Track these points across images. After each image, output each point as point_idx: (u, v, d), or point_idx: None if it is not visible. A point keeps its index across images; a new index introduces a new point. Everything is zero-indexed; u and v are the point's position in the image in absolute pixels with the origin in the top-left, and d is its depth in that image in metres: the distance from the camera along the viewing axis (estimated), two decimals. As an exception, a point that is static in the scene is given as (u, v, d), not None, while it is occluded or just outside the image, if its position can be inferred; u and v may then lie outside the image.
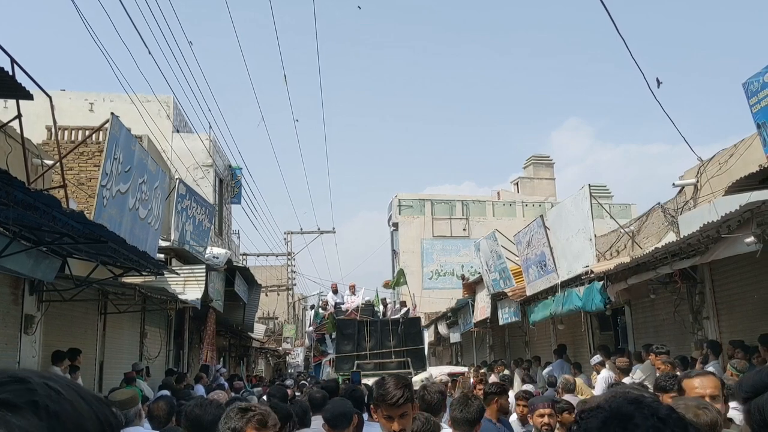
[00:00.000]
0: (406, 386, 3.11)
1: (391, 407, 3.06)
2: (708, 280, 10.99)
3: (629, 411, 1.21)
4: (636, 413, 1.20)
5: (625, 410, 1.21)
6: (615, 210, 28.31)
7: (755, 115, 8.49)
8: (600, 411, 1.24)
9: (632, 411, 1.21)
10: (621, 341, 14.42)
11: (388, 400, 3.06)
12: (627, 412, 1.21)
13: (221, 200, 23.86)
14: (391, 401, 3.05)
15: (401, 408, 3.06)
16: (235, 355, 29.86)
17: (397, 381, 3.15)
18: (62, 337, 10.76)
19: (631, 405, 1.23)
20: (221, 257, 16.96)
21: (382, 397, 3.09)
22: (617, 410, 1.22)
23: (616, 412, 1.22)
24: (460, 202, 41.16)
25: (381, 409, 3.13)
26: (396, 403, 3.05)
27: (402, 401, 3.05)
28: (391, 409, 3.07)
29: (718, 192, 10.35)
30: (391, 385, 3.11)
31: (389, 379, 3.21)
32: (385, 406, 3.09)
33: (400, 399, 3.04)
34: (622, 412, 1.21)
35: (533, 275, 15.69)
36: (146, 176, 10.84)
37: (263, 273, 34.53)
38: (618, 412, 1.21)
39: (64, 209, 6.66)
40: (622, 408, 1.22)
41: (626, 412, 1.21)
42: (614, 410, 1.22)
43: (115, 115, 9.18)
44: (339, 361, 15.71)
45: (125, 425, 4.78)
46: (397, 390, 3.06)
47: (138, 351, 14.60)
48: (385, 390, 3.10)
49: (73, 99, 20.61)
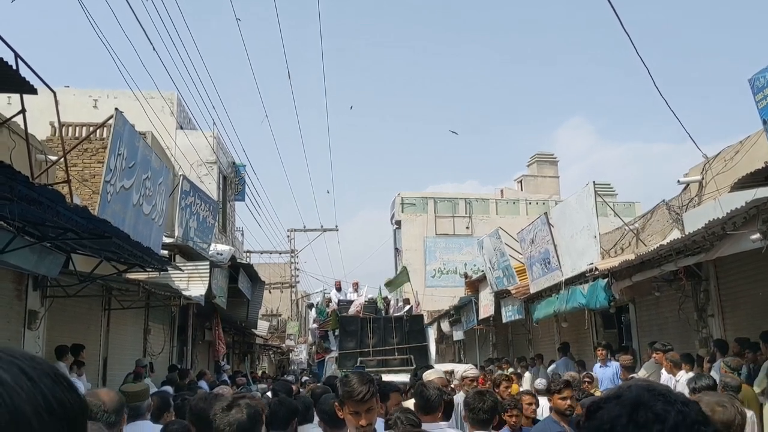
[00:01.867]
0: (369, 381, 3.25)
1: (358, 403, 3.19)
2: (713, 277, 10.95)
3: (651, 398, 1.20)
4: (658, 400, 1.19)
5: (647, 397, 1.20)
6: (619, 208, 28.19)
7: (761, 111, 8.44)
8: (621, 399, 1.22)
9: (654, 398, 1.20)
10: (625, 339, 14.39)
11: (354, 397, 3.18)
12: (649, 399, 1.19)
13: (225, 197, 23.87)
14: (357, 397, 3.17)
15: (366, 403, 3.19)
16: (238, 351, 29.89)
17: (361, 378, 3.28)
18: (66, 332, 10.78)
19: (650, 392, 1.21)
20: (225, 254, 16.97)
21: (348, 393, 3.21)
22: (640, 397, 1.20)
23: (639, 399, 1.20)
24: (463, 200, 41.09)
25: (347, 406, 3.25)
26: (362, 398, 3.17)
27: (368, 396, 3.18)
28: (357, 405, 3.19)
29: (723, 189, 10.31)
30: (355, 381, 3.22)
31: (353, 376, 3.33)
32: (351, 402, 3.21)
33: (366, 395, 3.17)
34: (644, 398, 1.20)
35: (537, 273, 15.66)
36: (150, 172, 10.84)
37: (267, 270, 34.53)
38: (641, 399, 1.20)
39: (67, 204, 6.66)
40: (644, 395, 1.21)
41: (648, 399, 1.19)
42: (637, 397, 1.21)
43: (119, 111, 9.18)
44: (342, 358, 15.69)
45: (136, 418, 4.74)
46: (362, 386, 3.18)
47: (142, 347, 14.62)
48: (350, 387, 3.21)
49: (77, 95, 20.60)
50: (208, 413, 3.63)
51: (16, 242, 7.38)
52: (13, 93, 8.58)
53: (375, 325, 16.24)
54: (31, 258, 8.04)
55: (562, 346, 14.81)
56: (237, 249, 25.95)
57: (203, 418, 3.64)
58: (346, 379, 3.35)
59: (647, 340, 12.05)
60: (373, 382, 3.30)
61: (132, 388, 5.21)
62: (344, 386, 3.28)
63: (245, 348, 31.53)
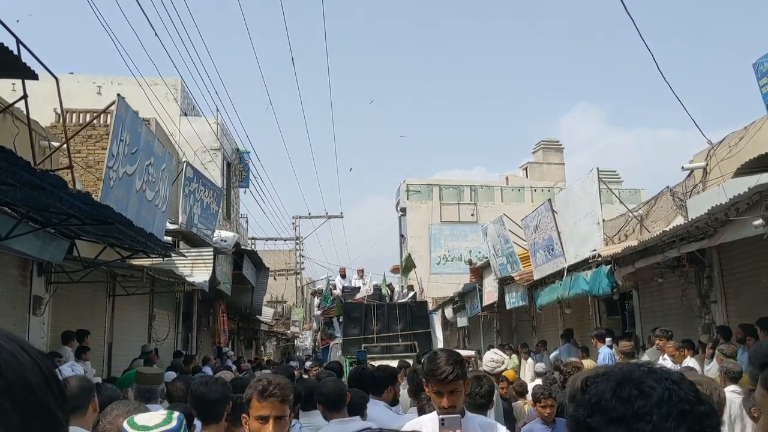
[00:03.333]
0: (457, 362, 3.03)
1: (440, 383, 3.01)
2: (716, 263, 10.92)
3: (641, 374, 1.18)
4: (648, 376, 1.17)
5: (637, 374, 1.18)
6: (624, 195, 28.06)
7: (766, 96, 8.40)
8: (611, 375, 1.20)
9: (644, 374, 1.18)
10: (628, 325, 14.40)
11: (437, 375, 3.00)
12: (639, 376, 1.18)
13: (229, 184, 23.88)
14: (440, 377, 2.99)
15: (450, 384, 3.00)
16: (243, 338, 30.02)
17: (449, 357, 3.07)
18: (71, 318, 10.83)
19: (641, 369, 1.20)
20: (229, 240, 17.01)
21: (432, 372, 3.03)
22: (629, 374, 1.19)
23: (628, 375, 1.18)
24: (468, 188, 41.04)
25: (431, 384, 3.07)
26: (444, 378, 2.98)
27: (452, 377, 2.98)
28: (441, 385, 3.01)
29: (727, 175, 10.26)
30: (442, 360, 3.03)
31: (441, 354, 3.13)
32: (434, 381, 3.03)
33: (449, 375, 2.98)
34: (634, 375, 1.18)
35: (540, 259, 15.66)
36: (153, 158, 10.85)
37: (271, 257, 34.60)
38: (630, 375, 1.18)
39: (70, 190, 6.68)
40: (634, 372, 1.19)
41: (638, 376, 1.18)
42: (626, 374, 1.19)
43: (121, 97, 9.18)
44: (346, 344, 15.75)
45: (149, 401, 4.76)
46: (447, 366, 2.99)
47: (147, 333, 14.69)
48: (435, 365, 3.03)
49: (81, 82, 20.59)
50: (209, 397, 3.66)
51: (20, 228, 7.41)
52: (15, 79, 8.58)
53: (379, 312, 16.28)
54: (35, 244, 8.08)
55: (565, 332, 14.83)
56: (241, 236, 26.00)
57: (204, 402, 3.67)
58: (433, 355, 3.15)
59: (651, 326, 12.05)
60: (461, 363, 3.07)
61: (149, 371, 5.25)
62: (429, 363, 3.09)
63: (250, 334, 31.66)
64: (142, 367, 6.57)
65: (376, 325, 15.98)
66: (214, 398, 3.73)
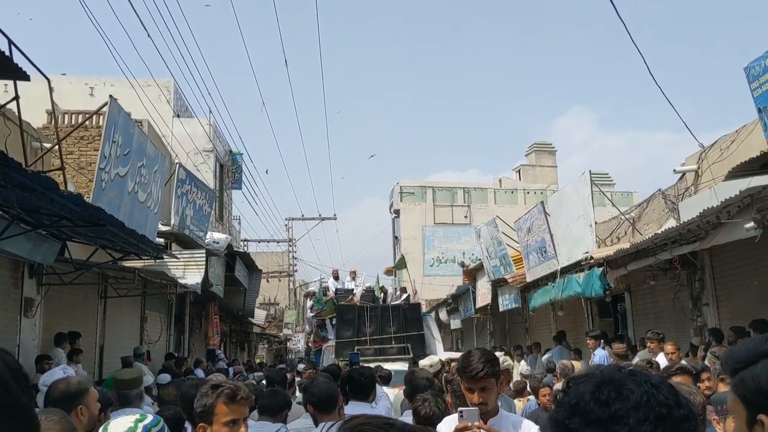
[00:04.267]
0: (489, 361, 3.15)
1: (471, 379, 3.13)
2: (708, 266, 10.97)
3: (621, 377, 1.19)
4: (628, 379, 1.18)
5: (617, 376, 1.19)
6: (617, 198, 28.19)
7: (756, 99, 8.43)
8: (591, 377, 1.21)
9: (624, 377, 1.19)
10: (621, 328, 14.44)
11: (468, 372, 3.13)
12: (619, 378, 1.18)
13: (222, 185, 23.83)
14: (471, 373, 3.12)
15: (481, 381, 3.11)
16: (236, 340, 29.94)
17: (482, 355, 3.19)
18: (62, 320, 10.78)
19: (622, 372, 1.21)
20: (221, 242, 16.97)
21: (463, 368, 3.17)
22: (609, 376, 1.20)
23: (608, 377, 1.19)
24: (462, 190, 41.10)
25: (463, 380, 3.23)
26: (475, 375, 3.10)
27: (482, 375, 3.10)
28: (472, 382, 3.13)
29: (719, 178, 10.30)
30: (474, 358, 3.17)
31: (475, 352, 3.26)
32: (465, 377, 3.16)
33: (479, 372, 3.10)
34: (614, 377, 1.19)
35: (533, 261, 15.68)
36: (145, 160, 10.81)
37: (264, 259, 34.55)
38: (611, 377, 1.19)
39: (61, 191, 6.65)
40: (615, 374, 1.20)
41: (618, 378, 1.18)
42: (606, 376, 1.20)
43: (114, 98, 9.15)
44: (339, 346, 15.73)
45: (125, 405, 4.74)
46: (479, 363, 3.11)
47: (138, 335, 14.64)
48: (467, 362, 3.17)
49: (73, 83, 20.54)
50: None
51: (11, 229, 7.37)
52: (6, 80, 8.54)
53: (372, 314, 16.27)
54: (27, 245, 8.04)
55: (558, 334, 14.85)
56: (234, 237, 25.94)
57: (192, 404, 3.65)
58: (467, 353, 3.30)
59: (643, 328, 12.08)
60: (494, 362, 3.20)
61: (125, 374, 5.21)
62: (462, 360, 3.25)
63: (242, 337, 31.58)
64: (120, 371, 6.52)
65: (369, 328, 15.96)
66: None
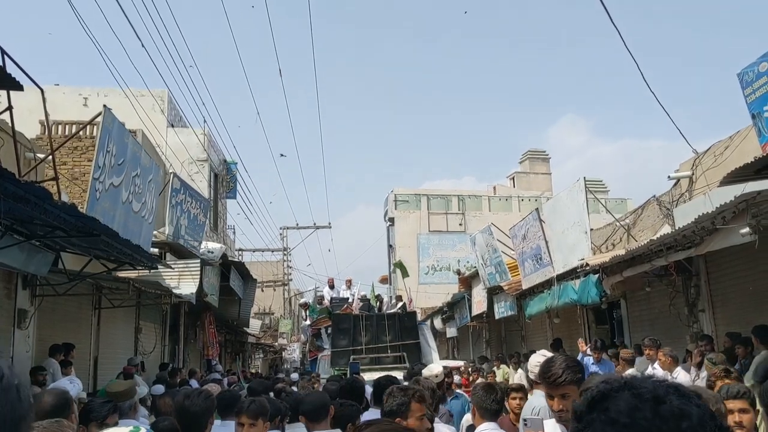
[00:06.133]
0: (570, 368, 3.12)
1: (550, 386, 3.12)
2: (703, 272, 10.97)
3: (665, 391, 1.07)
4: (672, 393, 1.07)
5: (662, 390, 1.07)
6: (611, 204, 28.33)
7: (750, 105, 8.47)
8: (638, 390, 1.08)
9: (667, 391, 1.07)
10: (617, 335, 14.42)
11: (548, 379, 3.13)
12: (664, 393, 1.07)
13: (216, 195, 23.79)
14: (550, 380, 3.11)
15: (560, 388, 3.08)
16: (231, 350, 29.81)
17: (563, 361, 3.17)
18: (56, 331, 10.71)
19: (660, 384, 1.10)
20: (216, 252, 16.91)
21: (543, 374, 3.18)
22: (656, 389, 1.07)
23: (656, 391, 1.07)
24: (456, 197, 41.16)
25: (543, 386, 3.23)
26: (554, 382, 3.09)
27: (561, 381, 3.07)
28: (552, 388, 3.12)
29: (713, 184, 10.32)
30: (555, 364, 3.15)
31: (558, 358, 3.25)
32: (546, 383, 3.16)
33: (558, 379, 3.08)
34: (660, 392, 1.07)
35: (529, 269, 15.68)
36: (140, 169, 10.78)
37: (259, 268, 34.46)
38: (657, 391, 1.07)
39: (55, 202, 6.61)
40: (659, 388, 1.08)
41: (663, 393, 1.07)
42: (654, 389, 1.08)
43: (108, 108, 9.12)
44: (335, 355, 15.66)
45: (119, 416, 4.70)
46: (558, 369, 3.10)
47: (133, 346, 14.56)
48: (547, 368, 3.17)
49: (67, 94, 20.49)
50: (190, 410, 3.62)
51: (5, 240, 7.33)
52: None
53: (368, 323, 16.21)
54: (20, 256, 7.99)
55: (554, 342, 14.83)
56: (228, 247, 25.89)
57: (186, 415, 3.64)
58: (549, 359, 3.29)
59: (639, 335, 12.08)
60: (575, 369, 3.13)
61: (116, 387, 5.17)
62: (543, 366, 3.24)
63: (237, 347, 31.45)
64: (112, 382, 6.48)
65: (364, 337, 15.90)
66: (196, 411, 3.71)
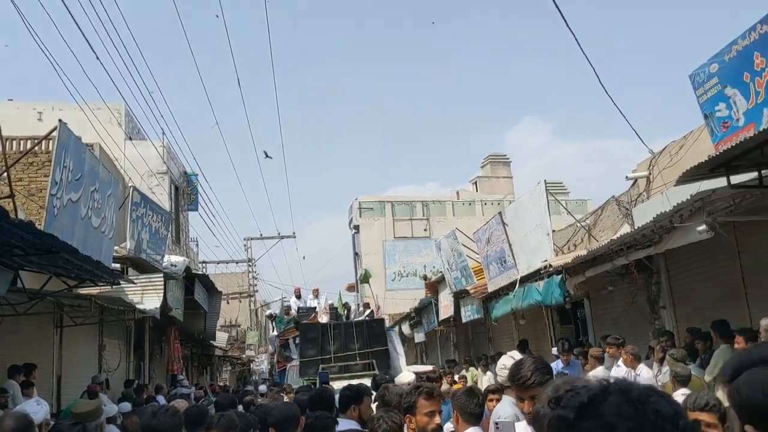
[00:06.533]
0: (539, 370, 3.12)
1: (520, 388, 3.13)
2: (663, 270, 11.20)
3: (653, 394, 1.09)
4: (661, 397, 1.09)
5: (650, 392, 1.08)
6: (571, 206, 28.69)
7: (702, 105, 8.69)
8: (630, 394, 1.08)
9: (652, 393, 1.09)
10: (581, 334, 14.62)
11: (516, 381, 3.14)
12: (652, 395, 1.08)
13: (177, 207, 23.49)
14: (519, 382, 3.12)
15: (530, 390, 3.08)
16: (197, 364, 29.45)
17: (532, 363, 3.16)
18: (17, 351, 10.46)
19: (648, 387, 1.11)
20: (179, 265, 16.71)
21: (512, 377, 3.18)
22: (647, 392, 1.09)
23: (647, 394, 1.08)
24: (421, 203, 41.32)
25: (513, 389, 3.24)
26: (524, 384, 3.09)
27: (530, 383, 3.07)
28: (521, 390, 3.13)
29: (670, 183, 10.56)
30: (524, 366, 3.15)
31: (527, 360, 3.24)
32: (515, 386, 3.17)
33: (527, 381, 3.09)
34: (650, 394, 1.08)
35: (494, 272, 15.81)
36: (98, 184, 10.60)
37: (224, 280, 34.11)
38: (647, 395, 1.08)
39: (12, 219, 6.47)
40: (649, 391, 1.10)
41: (652, 395, 1.08)
42: (646, 392, 1.09)
43: (63, 122, 8.96)
44: (303, 365, 15.58)
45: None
46: (527, 372, 3.10)
47: (97, 363, 14.29)
48: (516, 371, 3.17)
49: (21, 109, 20.08)
50: (159, 430, 3.57)
51: (-41, 261, 7.15)
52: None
53: (336, 332, 16.17)
54: (-24, 277, 7.79)
55: (521, 343, 14.97)
56: (192, 260, 25.58)
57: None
58: (519, 362, 3.27)
59: (603, 333, 12.24)
60: (544, 371, 3.13)
61: (82, 407, 5.08)
62: (513, 368, 3.23)
63: (204, 360, 31.07)
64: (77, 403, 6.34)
65: (333, 345, 15.85)
66: (164, 430, 3.65)
